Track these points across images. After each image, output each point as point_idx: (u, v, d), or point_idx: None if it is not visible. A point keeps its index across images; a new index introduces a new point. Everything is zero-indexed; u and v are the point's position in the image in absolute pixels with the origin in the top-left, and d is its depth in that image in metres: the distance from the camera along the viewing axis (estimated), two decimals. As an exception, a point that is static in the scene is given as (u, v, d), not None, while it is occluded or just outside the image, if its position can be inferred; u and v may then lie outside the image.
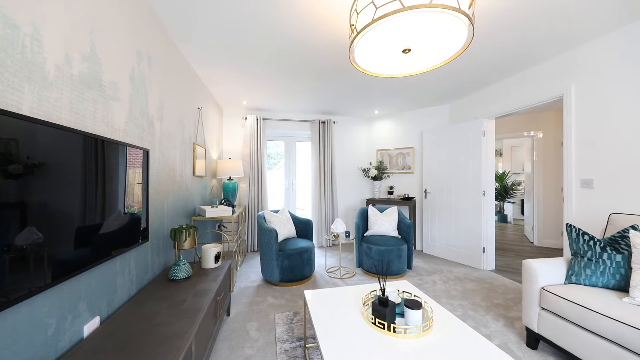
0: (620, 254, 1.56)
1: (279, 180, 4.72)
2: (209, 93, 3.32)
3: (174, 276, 1.71)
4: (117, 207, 1.33)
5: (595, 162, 2.17)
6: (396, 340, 1.17)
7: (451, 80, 3.05)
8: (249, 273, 3.14)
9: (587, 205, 2.23)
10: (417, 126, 4.29)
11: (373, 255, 3.01)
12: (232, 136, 4.18)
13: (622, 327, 1.26)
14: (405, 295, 1.56)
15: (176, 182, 2.23)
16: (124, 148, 1.38)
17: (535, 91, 2.67)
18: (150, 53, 1.75)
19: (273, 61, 2.53)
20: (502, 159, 7.43)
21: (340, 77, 2.92)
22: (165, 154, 2.01)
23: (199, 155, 2.81)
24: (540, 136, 4.40)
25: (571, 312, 1.48)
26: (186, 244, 1.80)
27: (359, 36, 1.25)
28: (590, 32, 2.06)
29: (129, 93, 1.51)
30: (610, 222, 1.82)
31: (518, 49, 2.31)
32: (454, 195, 3.61)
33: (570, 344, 1.48)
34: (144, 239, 1.60)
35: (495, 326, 1.99)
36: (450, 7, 1.01)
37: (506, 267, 3.34)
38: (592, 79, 2.19)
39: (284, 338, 1.84)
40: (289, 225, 3.17)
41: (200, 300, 1.45)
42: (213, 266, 1.97)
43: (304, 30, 2.00)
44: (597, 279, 1.59)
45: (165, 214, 2.00)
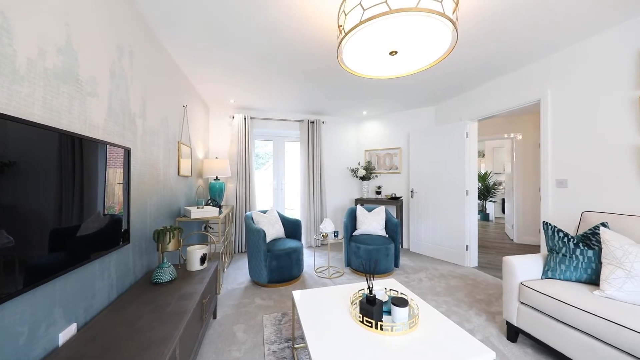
0: (592, 250, 1.65)
1: (267, 180, 4.67)
2: (195, 91, 3.24)
3: (157, 279, 1.65)
4: (96, 208, 1.27)
5: (569, 163, 2.30)
6: (383, 337, 1.19)
7: (436, 83, 3.13)
8: (237, 274, 3.09)
9: (562, 204, 2.35)
10: (404, 127, 4.37)
11: (361, 255, 3.05)
12: (219, 135, 4.10)
13: (594, 318, 1.33)
14: (392, 293, 1.58)
15: (160, 182, 2.16)
16: (103, 146, 1.32)
17: (515, 95, 2.79)
18: (132, 48, 1.69)
19: (262, 60, 2.50)
20: (484, 159, 7.71)
21: (329, 77, 2.93)
22: (148, 153, 1.94)
23: (184, 155, 2.73)
24: (519, 138, 4.60)
25: (547, 305, 1.55)
26: (170, 246, 1.75)
27: (347, 37, 1.25)
28: (564, 41, 2.17)
29: (109, 89, 1.44)
30: (583, 220, 1.93)
31: (499, 54, 2.41)
32: (439, 195, 3.71)
33: (547, 336, 1.56)
34: (125, 241, 1.54)
35: (478, 321, 2.06)
36: (436, 11, 1.04)
37: (488, 264, 3.47)
38: (566, 85, 2.32)
39: (272, 339, 1.82)
40: (278, 225, 3.15)
41: (185, 304, 1.41)
42: (199, 268, 1.92)
43: (293, 29, 1.99)
44: (570, 273, 1.68)
45: (148, 215, 1.94)
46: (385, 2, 1.04)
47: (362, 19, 1.11)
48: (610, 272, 1.48)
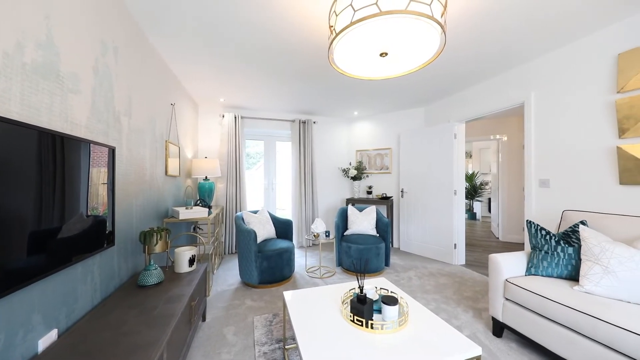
0: (572, 247, 1.73)
1: (258, 180, 4.63)
2: (183, 89, 3.17)
3: (143, 282, 1.61)
4: (79, 209, 1.22)
5: (551, 164, 2.39)
6: (374, 336, 1.20)
7: (426, 84, 3.18)
8: (227, 276, 3.05)
9: (544, 203, 2.44)
10: (395, 128, 4.43)
11: (352, 254, 3.06)
12: (209, 134, 4.03)
13: (573, 313, 1.39)
14: (382, 291, 1.60)
15: (146, 182, 2.10)
16: (86, 145, 1.27)
17: (501, 97, 2.88)
18: (117, 44, 1.63)
19: (253, 59, 2.48)
20: (471, 160, 7.91)
21: (320, 77, 2.93)
22: (134, 152, 1.89)
23: (171, 154, 2.67)
24: (505, 139, 4.75)
25: (530, 301, 1.61)
26: (157, 247, 1.71)
27: (337, 38, 1.26)
28: (546, 46, 2.26)
29: (92, 86, 1.40)
30: (564, 218, 2.01)
31: (485, 58, 2.48)
32: (428, 195, 3.78)
33: (531, 330, 1.62)
34: (110, 243, 1.49)
35: (465, 317, 2.12)
36: (424, 14, 1.06)
37: (475, 261, 3.56)
38: (548, 88, 2.41)
39: (262, 341, 1.81)
40: (269, 225, 3.12)
41: (173, 307, 1.38)
42: (187, 270, 1.88)
43: (283, 29, 1.98)
44: (552, 270, 1.75)
45: (134, 216, 1.88)
46: (376, 3, 1.05)
47: (353, 19, 1.12)
48: (588, 268, 1.54)
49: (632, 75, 1.82)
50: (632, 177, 1.83)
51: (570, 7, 1.76)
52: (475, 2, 1.69)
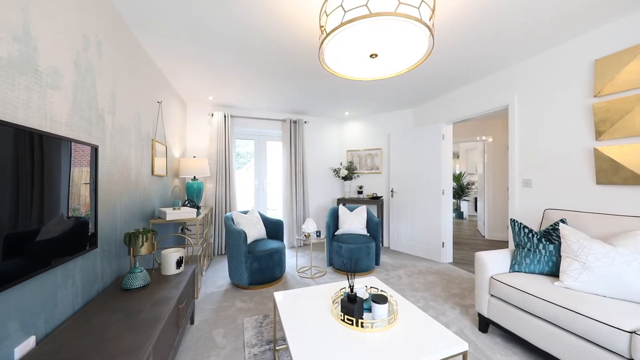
0: (553, 244, 1.80)
1: (248, 180, 4.58)
2: (171, 86, 3.09)
3: (128, 285, 1.56)
4: (59, 210, 1.17)
5: (533, 164, 2.48)
6: (364, 334, 1.21)
7: (414, 86, 3.24)
8: (216, 277, 3.00)
9: (527, 202, 2.53)
10: (385, 128, 4.48)
11: (343, 254, 3.08)
12: (197, 133, 3.95)
13: (553, 307, 1.45)
14: (372, 290, 1.62)
15: (131, 181, 2.04)
16: (67, 144, 1.22)
17: (486, 100, 2.96)
18: (100, 39, 1.58)
19: (243, 57, 2.45)
20: (458, 160, 8.11)
21: (311, 77, 2.93)
22: (119, 151, 1.83)
23: (158, 153, 2.60)
24: (490, 141, 4.90)
25: (514, 297, 1.67)
26: (143, 249, 1.66)
27: (328, 38, 1.26)
28: (528, 51, 2.34)
29: (73, 82, 1.34)
30: (545, 217, 2.09)
31: (471, 62, 2.54)
32: (417, 194, 3.85)
33: (514, 325, 1.68)
34: (92, 245, 1.43)
35: (453, 314, 2.17)
36: (413, 17, 1.08)
37: (462, 259, 3.65)
38: (530, 91, 2.50)
39: (252, 342, 1.79)
40: (259, 226, 3.10)
41: (160, 310, 1.35)
42: (174, 272, 1.84)
43: (275, 27, 1.97)
44: (534, 266, 1.82)
45: (119, 217, 1.82)
46: (366, 5, 1.06)
47: (343, 20, 1.12)
48: (568, 264, 1.61)
49: (608, 81, 1.91)
50: (608, 177, 1.93)
51: (551, 14, 1.83)
52: (462, 8, 1.74)
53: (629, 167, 1.81)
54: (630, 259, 1.44)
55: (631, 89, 1.80)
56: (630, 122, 1.80)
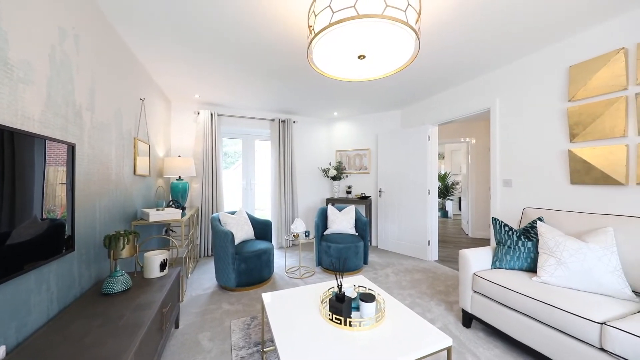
0: (531, 241, 1.88)
1: (236, 180, 4.51)
2: (154, 83, 2.99)
3: (108, 289, 1.50)
4: (32, 212, 1.11)
5: (513, 165, 2.59)
6: (352, 333, 1.22)
7: (402, 88, 3.30)
8: (202, 280, 2.93)
9: (508, 201, 2.64)
10: (373, 129, 4.54)
11: (332, 253, 3.09)
12: (182, 132, 3.85)
13: (531, 301, 1.52)
14: (360, 289, 1.63)
15: (112, 182, 1.96)
16: (40, 142, 1.16)
17: (470, 102, 3.06)
18: (77, 31, 1.50)
19: (229, 55, 2.40)
20: (444, 161, 8.34)
21: (299, 77, 2.92)
22: (98, 150, 1.75)
23: (141, 152, 2.51)
24: (473, 142, 5.06)
25: (495, 292, 1.73)
26: (124, 252, 1.59)
27: (316, 38, 1.26)
28: (509, 56, 2.44)
29: (48, 76, 1.27)
30: (524, 215, 2.19)
31: (456, 66, 2.62)
32: (404, 194, 3.92)
33: (495, 320, 1.74)
34: (69, 248, 1.37)
35: (438, 310, 2.23)
36: (400, 20, 1.10)
37: (447, 257, 3.75)
38: (511, 95, 2.61)
39: (240, 345, 1.76)
40: (247, 226, 3.05)
41: (142, 314, 1.30)
42: (158, 275, 1.78)
43: (263, 25, 1.94)
44: (514, 263, 1.90)
45: (98, 219, 1.74)
46: (354, 6, 1.07)
47: (332, 21, 1.13)
48: (545, 260, 1.70)
49: (581, 86, 2.02)
50: (580, 177, 2.04)
51: (529, 23, 1.91)
52: (446, 14, 1.79)
53: (599, 167, 1.92)
54: (600, 254, 1.53)
55: (601, 94, 1.92)
56: (600, 126, 1.91)
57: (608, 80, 1.87)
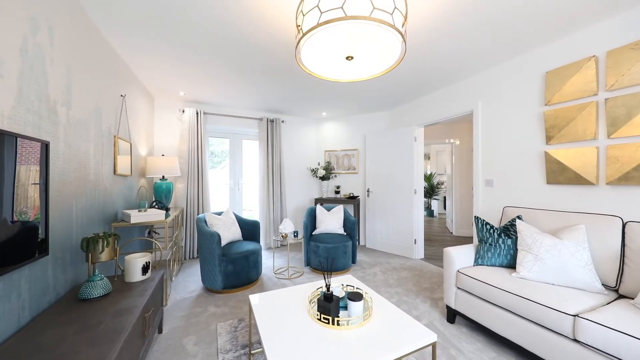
0: (510, 239, 1.97)
1: (223, 180, 4.42)
2: (136, 79, 2.88)
3: (86, 295, 1.43)
4: (1, 214, 1.04)
5: (494, 165, 2.69)
6: (340, 332, 1.23)
7: (389, 90, 3.35)
8: (187, 282, 2.85)
9: (489, 201, 2.74)
10: (361, 129, 4.58)
11: (320, 253, 3.09)
12: (167, 130, 3.73)
13: (510, 296, 1.59)
14: (348, 288, 1.64)
15: (90, 181, 1.87)
16: (11, 139, 1.09)
17: (454, 105, 3.16)
18: (52, 23, 1.42)
19: (216, 53, 2.35)
20: (429, 161, 8.55)
21: (288, 76, 2.90)
22: (74, 148, 1.66)
23: (122, 151, 2.42)
24: (457, 143, 5.22)
25: (477, 288, 1.80)
26: (103, 255, 1.53)
27: (304, 38, 1.26)
28: (489, 61, 2.54)
29: (19, 69, 1.20)
30: (504, 214, 2.28)
31: (440, 70, 2.69)
32: (391, 194, 3.99)
33: (477, 315, 1.81)
34: (42, 252, 1.29)
35: (424, 307, 2.28)
36: (387, 23, 1.11)
37: (433, 255, 3.85)
38: (492, 98, 2.71)
39: (227, 348, 1.73)
40: (234, 227, 3.00)
41: (122, 320, 1.25)
42: (140, 279, 1.72)
43: (252, 23, 1.92)
44: (495, 259, 1.97)
45: (75, 221, 1.66)
46: (342, 7, 1.08)
47: (320, 21, 1.13)
48: (523, 256, 1.77)
49: (556, 91, 2.13)
50: (555, 177, 2.15)
51: (509, 31, 1.99)
52: (431, 20, 1.83)
53: (573, 168, 2.03)
54: (573, 250, 1.62)
55: (575, 99, 2.03)
56: (574, 129, 2.03)
57: (580, 86, 1.99)
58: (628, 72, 1.74)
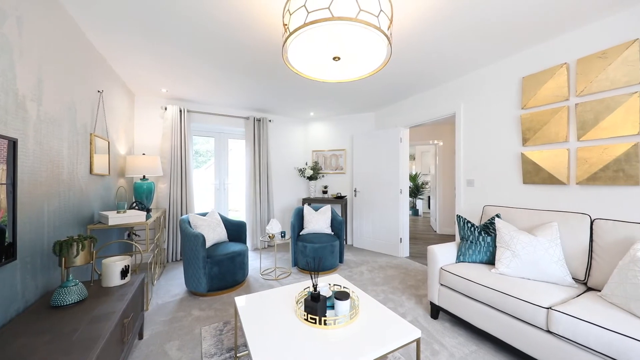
0: (490, 236, 2.05)
1: (208, 179, 4.31)
2: (115, 74, 2.76)
3: (59, 301, 1.35)
4: (-41, 217, 0.96)
5: (476, 166, 2.80)
6: (326, 331, 1.23)
7: (376, 91, 3.40)
8: (170, 286, 2.76)
9: (471, 200, 2.85)
10: (349, 130, 4.62)
11: (308, 253, 3.09)
12: (148, 128, 3.59)
13: (490, 291, 1.66)
14: (335, 288, 1.65)
15: (63, 182, 1.77)
16: (-29, 136, 1.01)
17: (438, 107, 3.25)
18: (20, 13, 1.33)
19: (200, 48, 2.29)
20: (414, 162, 8.75)
21: (275, 75, 2.88)
22: (46, 146, 1.57)
23: (99, 149, 2.30)
24: (441, 144, 5.38)
25: (459, 284, 1.86)
26: (78, 259, 1.45)
27: (291, 37, 1.25)
28: (471, 66, 2.64)
29: (-18, 61, 1.11)
30: (484, 212, 2.37)
31: (424, 73, 2.77)
32: (377, 194, 4.05)
33: (459, 310, 1.87)
34: (10, 257, 1.21)
35: (409, 304, 2.33)
36: (372, 25, 1.13)
37: (418, 253, 3.95)
38: (474, 101, 2.81)
39: (211, 352, 1.69)
40: (220, 228, 2.94)
41: (99, 327, 1.19)
42: (118, 283, 1.65)
43: (238, 20, 1.88)
44: (476, 256, 2.05)
45: (47, 224, 1.56)
46: (328, 8, 1.08)
47: (306, 21, 1.13)
48: (501, 253, 1.86)
49: (532, 95, 2.25)
50: (531, 177, 2.26)
51: (489, 36, 2.08)
52: (417, 24, 1.88)
53: (547, 169, 2.15)
54: (547, 247, 1.72)
55: (548, 104, 2.15)
56: (547, 132, 2.14)
57: (554, 91, 2.10)
58: (595, 79, 1.87)
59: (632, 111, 1.71)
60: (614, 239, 1.59)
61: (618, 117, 1.76)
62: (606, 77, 1.81)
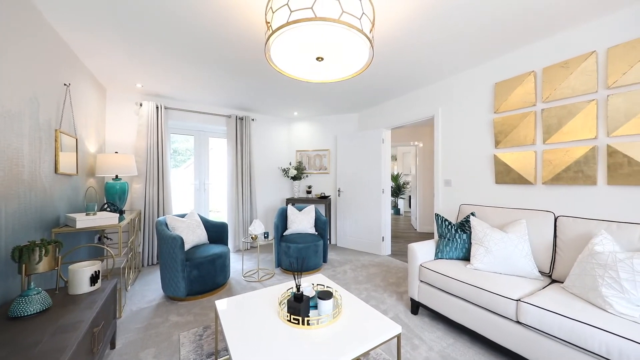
0: (465, 234, 2.15)
1: (187, 179, 4.16)
2: (84, 67, 2.58)
3: (18, 312, 1.24)
4: None
5: (453, 166, 2.92)
6: (309, 332, 1.23)
7: (358, 93, 3.45)
8: (146, 291, 2.63)
9: (448, 199, 2.97)
10: (333, 130, 4.65)
11: (292, 254, 3.07)
12: (121, 125, 3.39)
13: (465, 286, 1.74)
14: (319, 287, 1.66)
15: (24, 182, 1.62)
16: None
17: (418, 110, 3.36)
18: (-29, -5, 1.21)
19: (178, 42, 2.20)
20: (396, 162, 8.99)
21: (258, 73, 2.83)
22: (3, 144, 1.43)
23: (65, 147, 2.14)
24: (421, 145, 5.57)
25: (437, 280, 1.93)
26: (41, 265, 1.34)
27: (274, 36, 1.24)
28: (448, 71, 2.75)
29: None
30: (461, 211, 2.49)
31: (405, 77, 2.85)
32: (360, 193, 4.11)
33: (438, 305, 1.94)
34: (-42, 266, 1.09)
35: (390, 301, 2.39)
36: (355, 27, 1.14)
37: (399, 251, 4.06)
38: (451, 105, 2.94)
39: (190, 358, 1.63)
40: (199, 230, 2.84)
41: (65, 338, 1.11)
42: (87, 290, 1.54)
43: (220, 14, 1.83)
44: (453, 253, 2.14)
45: (4, 228, 1.43)
46: (311, 8, 1.08)
47: (289, 20, 1.12)
48: (476, 249, 1.95)
49: (503, 101, 2.39)
50: (502, 178, 2.40)
51: (465, 43, 2.18)
52: (396, 29, 1.93)
53: (516, 169, 2.29)
54: (516, 242, 1.83)
55: (518, 109, 2.29)
56: (517, 135, 2.28)
57: (522, 97, 2.25)
58: (559, 86, 2.02)
59: (590, 117, 1.86)
60: (575, 235, 1.72)
61: (578, 122, 1.92)
62: (568, 85, 1.97)
